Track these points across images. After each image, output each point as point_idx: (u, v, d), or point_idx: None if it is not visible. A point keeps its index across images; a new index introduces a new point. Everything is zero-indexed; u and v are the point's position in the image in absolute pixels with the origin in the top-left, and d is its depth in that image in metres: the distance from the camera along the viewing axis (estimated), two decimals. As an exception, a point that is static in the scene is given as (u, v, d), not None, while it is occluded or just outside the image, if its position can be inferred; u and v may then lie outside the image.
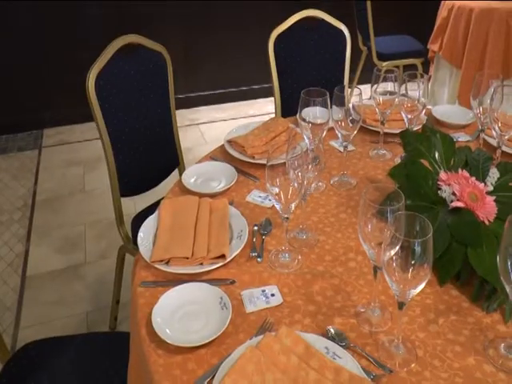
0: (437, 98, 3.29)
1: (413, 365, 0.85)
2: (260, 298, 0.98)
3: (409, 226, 0.84)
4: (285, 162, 1.03)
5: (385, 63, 3.32)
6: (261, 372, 0.79)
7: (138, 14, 3.40)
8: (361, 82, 3.44)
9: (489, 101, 1.38)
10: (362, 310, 0.96)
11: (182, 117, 3.55)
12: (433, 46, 3.30)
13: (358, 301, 0.98)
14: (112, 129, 1.64)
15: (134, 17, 3.39)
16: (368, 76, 1.46)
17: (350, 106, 1.34)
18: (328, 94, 1.33)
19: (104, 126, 1.61)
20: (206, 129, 3.40)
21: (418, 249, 0.80)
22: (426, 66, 3.46)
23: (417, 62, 3.42)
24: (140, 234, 1.17)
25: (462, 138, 1.62)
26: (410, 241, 0.80)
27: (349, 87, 1.36)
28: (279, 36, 2.06)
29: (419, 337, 0.90)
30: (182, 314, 0.95)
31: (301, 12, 2.10)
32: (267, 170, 1.04)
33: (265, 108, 3.49)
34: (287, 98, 2.08)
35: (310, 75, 2.15)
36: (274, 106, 2.08)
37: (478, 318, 0.94)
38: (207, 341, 0.88)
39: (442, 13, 3.26)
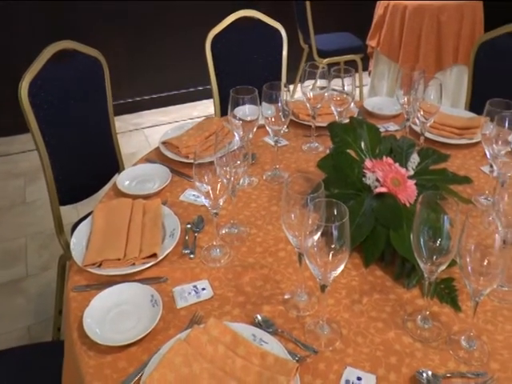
0: (377, 91, 3.41)
1: (337, 343, 0.89)
2: (191, 293, 1.00)
3: (328, 213, 0.87)
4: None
5: (325, 60, 3.40)
6: (188, 364, 0.81)
7: (77, 19, 3.34)
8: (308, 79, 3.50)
9: (412, 91, 1.45)
10: (290, 297, 0.99)
11: (125, 122, 3.52)
12: (371, 42, 3.42)
13: (287, 288, 1.01)
14: (48, 137, 1.61)
15: (73, 22, 3.33)
16: (309, 73, 1.52)
17: (282, 101, 1.37)
18: (257, 91, 1.36)
19: (39, 135, 1.58)
20: (151, 133, 3.38)
21: (335, 232, 0.83)
22: (366, 61, 3.58)
23: (356, 57, 3.52)
24: (73, 240, 1.17)
25: (391, 127, 1.69)
26: (328, 226, 0.83)
27: (285, 86, 1.39)
28: (216, 36, 2.08)
29: (344, 317, 0.94)
30: (113, 314, 0.96)
31: (237, 12, 2.12)
32: (195, 168, 1.05)
33: (208, 109, 3.48)
34: (226, 98, 2.09)
35: (248, 75, 2.17)
36: (215, 107, 2.10)
37: (399, 295, 1.00)
38: (137, 338, 0.88)
39: (379, 11, 3.38)
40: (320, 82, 1.52)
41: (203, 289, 1.01)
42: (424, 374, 0.83)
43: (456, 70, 3.19)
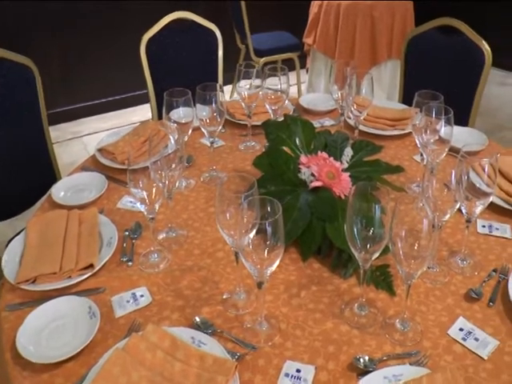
0: (315, 88, 3.47)
1: (276, 338, 0.90)
2: (129, 301, 0.98)
3: (262, 210, 0.88)
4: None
5: (263, 59, 3.43)
6: (126, 372, 0.80)
7: (6, 25, 3.19)
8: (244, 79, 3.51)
9: (345, 86, 1.49)
10: (228, 296, 0.99)
11: (63, 131, 3.41)
12: (307, 40, 3.48)
13: (226, 288, 1.01)
14: (-25, 150, 1.54)
15: (1, 29, 3.18)
16: (247, 73, 1.53)
17: (218, 101, 1.37)
18: (190, 93, 1.35)
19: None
20: (89, 140, 3.28)
21: (269, 229, 0.84)
22: (303, 58, 3.63)
23: (293, 55, 3.57)
24: (4, 257, 1.12)
25: (326, 122, 1.73)
26: (261, 223, 0.84)
27: (220, 87, 1.39)
28: (151, 39, 2.06)
29: (283, 312, 0.96)
30: (49, 330, 0.93)
31: (171, 14, 2.10)
32: (129, 174, 1.04)
33: (148, 114, 3.42)
34: (163, 102, 2.07)
35: (184, 77, 2.15)
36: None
37: (337, 285, 1.02)
38: (74, 353, 0.86)
39: (313, 9, 3.44)
40: (257, 81, 1.53)
41: (141, 295, 1.00)
42: (361, 360, 0.85)
43: (390, 64, 3.30)
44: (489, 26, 3.35)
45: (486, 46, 1.86)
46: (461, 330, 0.92)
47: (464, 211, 1.06)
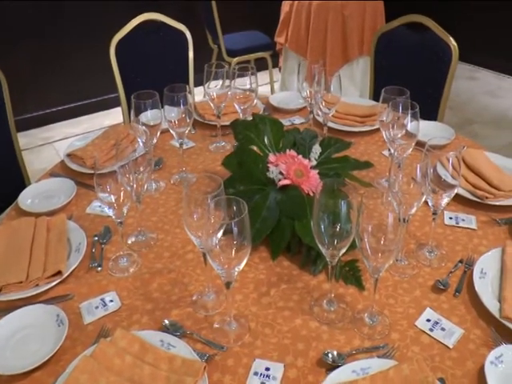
0: (288, 86, 3.49)
1: (246, 337, 0.90)
2: (98, 307, 0.97)
3: (228, 210, 0.88)
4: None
5: (235, 59, 3.43)
6: (94, 379, 0.79)
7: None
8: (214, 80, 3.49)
9: (313, 84, 1.50)
10: (198, 298, 0.99)
11: (33, 137, 3.37)
12: (279, 39, 3.49)
13: (195, 289, 1.01)
14: None
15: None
16: (217, 73, 1.53)
17: (187, 102, 1.36)
18: (158, 95, 1.35)
19: None
20: (61, 146, 3.21)
21: (235, 228, 0.84)
22: (276, 57, 3.65)
23: (266, 55, 3.58)
24: (-32, 269, 1.10)
25: (297, 120, 1.74)
26: (228, 223, 0.84)
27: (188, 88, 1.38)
28: (120, 41, 2.04)
29: (252, 311, 0.96)
30: (15, 341, 0.91)
31: (140, 16, 2.09)
32: (96, 178, 1.03)
33: (120, 117, 3.40)
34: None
35: (155, 79, 2.12)
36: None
37: (306, 282, 1.03)
38: (41, 362, 0.85)
39: (285, 8, 3.45)
40: (227, 82, 1.53)
41: (111, 301, 0.99)
42: (330, 355, 0.86)
43: (362, 61, 3.33)
44: (459, 22, 3.41)
45: (452, 42, 1.90)
46: (428, 320, 0.94)
47: (430, 204, 1.08)
